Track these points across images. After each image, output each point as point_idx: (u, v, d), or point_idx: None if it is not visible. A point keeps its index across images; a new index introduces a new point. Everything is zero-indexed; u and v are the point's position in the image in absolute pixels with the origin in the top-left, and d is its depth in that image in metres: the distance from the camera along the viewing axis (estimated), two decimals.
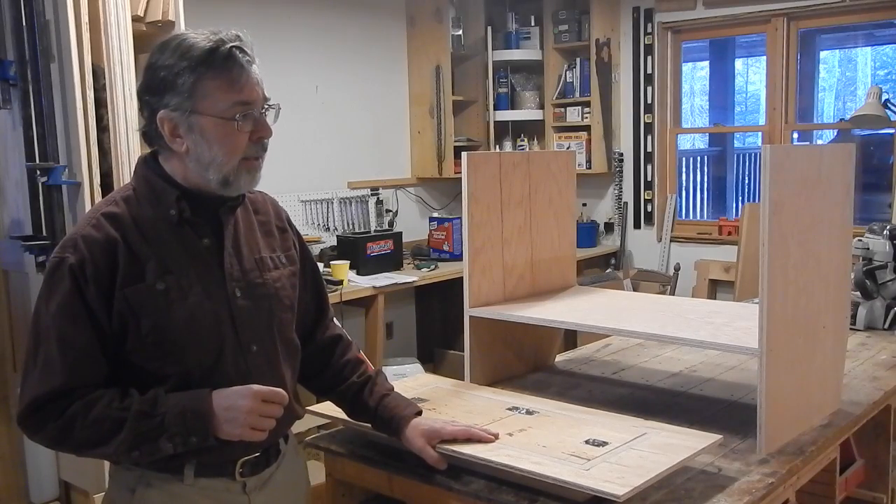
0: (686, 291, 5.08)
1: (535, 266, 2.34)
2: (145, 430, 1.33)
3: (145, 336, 1.37)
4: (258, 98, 1.41)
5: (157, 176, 1.43)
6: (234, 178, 1.41)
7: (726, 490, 1.55)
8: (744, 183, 7.30)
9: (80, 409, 1.33)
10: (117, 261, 1.36)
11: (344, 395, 1.69)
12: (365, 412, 1.67)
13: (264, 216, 1.57)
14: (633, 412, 1.84)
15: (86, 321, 1.35)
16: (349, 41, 4.93)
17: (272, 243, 1.56)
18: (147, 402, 1.34)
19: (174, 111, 1.37)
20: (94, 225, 1.38)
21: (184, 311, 1.38)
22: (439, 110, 5.22)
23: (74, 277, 1.34)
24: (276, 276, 1.52)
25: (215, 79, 1.36)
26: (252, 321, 1.46)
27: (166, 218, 1.41)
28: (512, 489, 1.54)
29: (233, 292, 1.44)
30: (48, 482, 3.07)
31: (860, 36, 6.99)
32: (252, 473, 1.48)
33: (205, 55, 1.35)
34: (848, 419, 1.95)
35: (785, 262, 1.74)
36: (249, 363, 1.45)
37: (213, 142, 1.38)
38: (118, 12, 2.75)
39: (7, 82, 2.84)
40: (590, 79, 5.41)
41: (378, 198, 5.15)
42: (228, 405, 1.37)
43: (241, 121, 1.38)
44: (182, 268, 1.40)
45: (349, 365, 1.70)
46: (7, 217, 3.15)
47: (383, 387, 1.68)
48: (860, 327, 2.76)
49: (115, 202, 1.42)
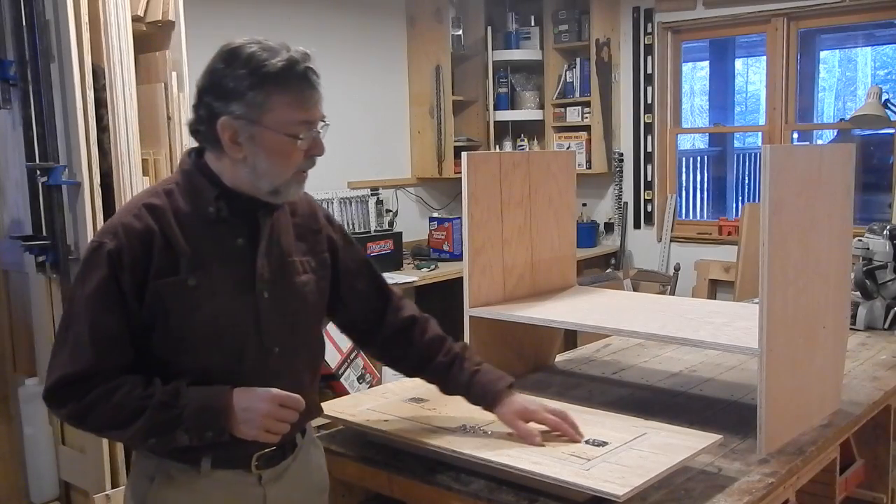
0: (686, 291, 5.08)
1: (535, 266, 2.33)
2: (164, 421, 1.36)
3: (171, 329, 1.40)
4: (319, 117, 1.45)
5: (200, 172, 1.46)
6: (285, 189, 1.45)
7: (726, 490, 1.55)
8: (744, 183, 7.30)
9: (103, 393, 1.37)
10: (153, 252, 1.39)
11: (434, 374, 1.72)
12: (458, 388, 1.70)
13: (301, 218, 1.59)
14: (633, 412, 1.84)
15: (118, 307, 1.38)
16: (349, 41, 4.93)
17: (304, 247, 1.58)
18: (169, 394, 1.38)
19: (238, 119, 1.39)
20: (136, 214, 1.41)
21: (210, 309, 1.41)
22: (439, 110, 5.22)
23: (111, 263, 1.37)
24: (304, 280, 1.54)
25: (286, 96, 1.39)
26: (276, 324, 1.48)
27: (204, 215, 1.44)
28: (512, 489, 1.54)
29: (261, 294, 1.46)
30: (48, 482, 3.07)
31: (860, 36, 6.98)
32: (268, 466, 1.51)
33: (279, 72, 1.38)
34: (848, 419, 1.95)
35: (785, 262, 1.74)
36: (271, 365, 1.47)
37: (273, 155, 1.41)
38: (118, 12, 2.75)
39: (7, 82, 2.84)
40: (590, 79, 5.41)
41: (378, 198, 5.15)
42: (247, 406, 1.39)
43: (302, 140, 1.42)
44: (214, 265, 1.43)
45: (433, 343, 1.72)
46: (7, 217, 3.15)
47: (472, 362, 1.71)
48: (860, 327, 2.76)
49: (157, 194, 1.45)
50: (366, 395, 1.99)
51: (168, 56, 2.94)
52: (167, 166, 2.92)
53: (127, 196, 2.77)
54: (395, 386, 2.05)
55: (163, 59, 2.94)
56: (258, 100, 1.38)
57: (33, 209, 2.84)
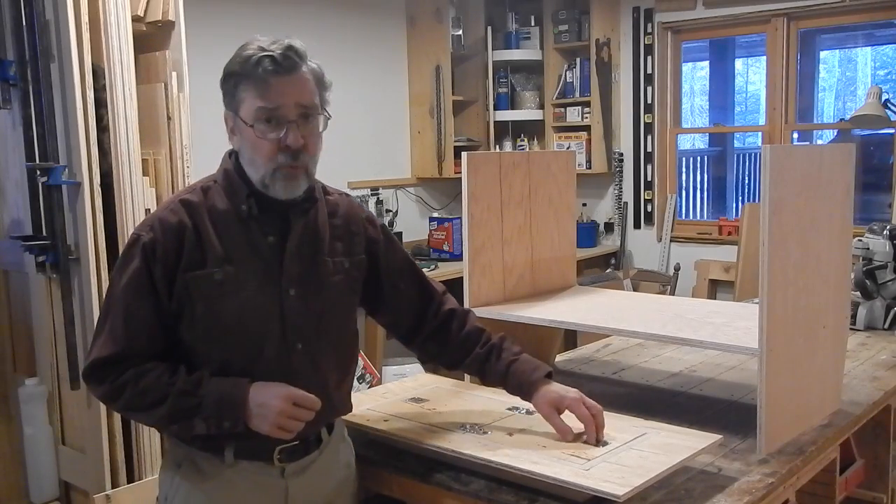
0: (686, 291, 5.08)
1: (535, 266, 2.33)
2: (184, 408, 1.43)
3: (198, 320, 1.46)
4: (287, 106, 1.45)
5: (236, 171, 1.52)
6: (271, 184, 1.48)
7: (726, 490, 1.55)
8: (744, 183, 7.30)
9: (132, 377, 1.44)
10: (184, 245, 1.45)
11: (472, 366, 1.76)
12: (495, 379, 1.73)
13: (341, 220, 1.62)
14: (633, 412, 1.84)
15: (150, 297, 1.45)
16: (349, 41, 4.93)
17: (341, 248, 1.60)
18: (191, 382, 1.44)
19: (228, 111, 1.50)
20: (172, 209, 1.48)
21: (236, 303, 1.46)
22: (439, 110, 5.22)
23: (145, 255, 1.45)
24: (335, 280, 1.58)
25: (247, 85, 1.44)
26: (301, 321, 1.52)
27: (238, 212, 1.49)
28: (512, 489, 1.54)
29: (286, 291, 1.50)
30: (48, 482, 3.07)
31: (860, 36, 6.98)
32: (290, 460, 1.54)
33: (244, 62, 1.44)
34: (848, 419, 1.95)
35: (785, 262, 1.74)
36: (293, 361, 1.51)
37: (249, 147, 1.48)
38: (118, 12, 2.75)
39: (7, 82, 2.84)
40: (590, 79, 5.41)
41: (378, 198, 5.15)
42: (262, 402, 1.43)
43: (259, 126, 1.44)
44: (242, 261, 1.48)
45: (471, 336, 1.75)
46: (7, 217, 3.15)
47: (510, 352, 1.73)
48: (860, 327, 2.76)
49: (195, 191, 1.52)
50: (366, 395, 1.99)
51: (168, 56, 2.94)
52: (167, 166, 2.92)
53: (127, 196, 2.77)
54: (395, 386, 2.06)
55: (163, 59, 2.94)
56: (232, 91, 1.47)
57: (33, 209, 2.84)
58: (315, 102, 1.49)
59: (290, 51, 1.44)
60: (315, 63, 1.52)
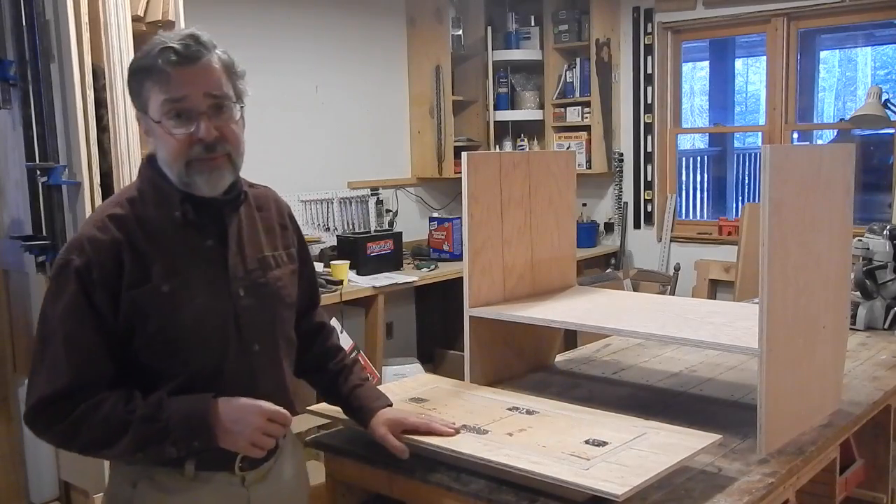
0: (686, 291, 5.08)
1: (535, 266, 2.33)
2: (149, 434, 1.36)
3: (151, 337, 1.39)
4: (191, 95, 1.37)
5: (161, 177, 1.44)
6: (189, 180, 1.41)
7: (726, 490, 1.55)
8: (744, 183, 7.30)
9: (85, 411, 1.35)
10: (123, 262, 1.38)
11: (320, 380, 1.75)
12: (338, 397, 1.73)
13: (267, 212, 1.58)
14: (633, 412, 1.84)
15: (92, 322, 1.36)
16: (349, 41, 4.93)
17: (274, 241, 1.57)
18: (151, 406, 1.37)
19: (139, 113, 1.44)
20: (100, 227, 1.39)
21: (190, 313, 1.40)
22: (439, 110, 5.22)
23: (80, 279, 1.36)
24: (278, 274, 1.54)
25: (154, 82, 1.37)
26: (255, 320, 1.48)
27: (171, 219, 1.42)
28: (512, 489, 1.54)
29: (237, 292, 1.46)
30: (48, 482, 3.07)
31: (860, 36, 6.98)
32: (251, 468, 1.50)
33: (146, 57, 1.38)
34: (848, 419, 1.95)
35: (785, 262, 1.74)
36: (252, 362, 1.47)
37: (162, 144, 1.41)
38: (118, 12, 2.75)
39: (7, 82, 2.84)
40: (590, 79, 5.41)
41: (378, 198, 5.15)
42: (237, 418, 1.39)
43: (168, 122, 1.37)
44: (187, 269, 1.42)
45: (329, 352, 1.75)
46: (7, 217, 3.15)
47: (357, 377, 1.74)
48: (860, 327, 2.76)
49: (119, 204, 1.44)
50: None
51: None
52: None
53: None
54: (395, 386, 2.06)
55: None
56: (138, 90, 1.40)
57: (33, 209, 2.84)
58: (226, 91, 1.40)
59: (190, 39, 1.37)
60: (223, 52, 1.43)
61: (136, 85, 1.40)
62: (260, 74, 4.42)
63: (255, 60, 4.39)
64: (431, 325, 5.42)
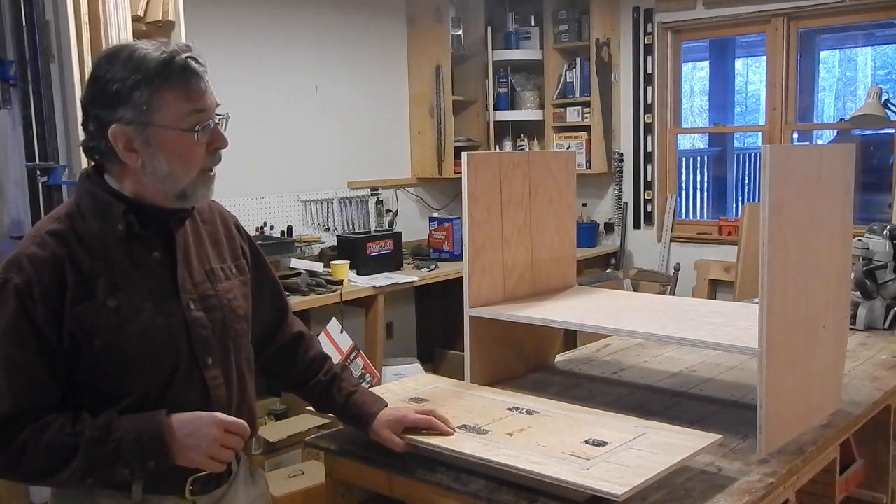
0: (686, 291, 5.08)
1: (535, 266, 2.33)
2: (99, 457, 1.29)
3: (98, 355, 1.33)
4: (213, 107, 1.39)
5: (103, 190, 1.39)
6: (192, 191, 1.39)
7: (726, 490, 1.55)
8: (744, 183, 7.30)
9: (30, 437, 1.29)
10: (65, 279, 1.32)
11: (311, 392, 1.72)
12: (333, 407, 1.71)
13: (211, 225, 1.54)
14: (633, 412, 1.84)
15: (34, 343, 1.30)
16: (349, 41, 4.93)
17: (221, 253, 1.53)
18: (100, 428, 1.30)
19: (128, 125, 1.33)
20: (39, 244, 1.33)
21: (137, 328, 1.35)
22: (439, 110, 5.22)
23: (20, 299, 1.30)
24: (227, 286, 1.50)
25: (172, 90, 1.33)
26: (206, 334, 1.43)
27: (114, 233, 1.37)
28: (512, 489, 1.54)
29: (186, 305, 1.41)
30: None
31: (860, 36, 6.98)
32: (203, 492, 1.44)
33: (161, 66, 1.32)
34: (848, 419, 1.95)
35: (785, 262, 1.74)
36: (206, 376, 1.42)
37: (173, 154, 1.35)
38: (118, 12, 2.75)
39: (7, 82, 2.84)
40: (590, 79, 5.41)
41: (378, 198, 5.15)
42: (192, 431, 1.33)
43: (199, 132, 1.35)
44: (133, 283, 1.36)
45: (315, 362, 1.72)
46: (7, 217, 3.15)
47: (350, 383, 1.72)
48: (860, 327, 2.76)
49: (58, 219, 1.37)
50: None
51: None
52: None
53: None
54: (395, 386, 2.06)
55: None
56: (145, 98, 1.32)
57: (33, 209, 2.84)
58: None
59: (190, 51, 1.37)
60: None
61: (144, 95, 1.32)
62: (260, 74, 4.44)
63: (255, 60, 4.41)
64: (431, 325, 5.43)
